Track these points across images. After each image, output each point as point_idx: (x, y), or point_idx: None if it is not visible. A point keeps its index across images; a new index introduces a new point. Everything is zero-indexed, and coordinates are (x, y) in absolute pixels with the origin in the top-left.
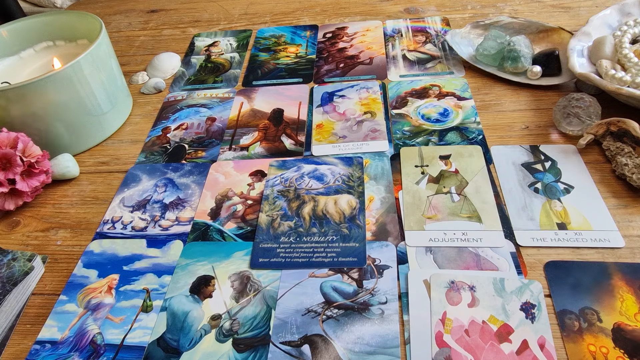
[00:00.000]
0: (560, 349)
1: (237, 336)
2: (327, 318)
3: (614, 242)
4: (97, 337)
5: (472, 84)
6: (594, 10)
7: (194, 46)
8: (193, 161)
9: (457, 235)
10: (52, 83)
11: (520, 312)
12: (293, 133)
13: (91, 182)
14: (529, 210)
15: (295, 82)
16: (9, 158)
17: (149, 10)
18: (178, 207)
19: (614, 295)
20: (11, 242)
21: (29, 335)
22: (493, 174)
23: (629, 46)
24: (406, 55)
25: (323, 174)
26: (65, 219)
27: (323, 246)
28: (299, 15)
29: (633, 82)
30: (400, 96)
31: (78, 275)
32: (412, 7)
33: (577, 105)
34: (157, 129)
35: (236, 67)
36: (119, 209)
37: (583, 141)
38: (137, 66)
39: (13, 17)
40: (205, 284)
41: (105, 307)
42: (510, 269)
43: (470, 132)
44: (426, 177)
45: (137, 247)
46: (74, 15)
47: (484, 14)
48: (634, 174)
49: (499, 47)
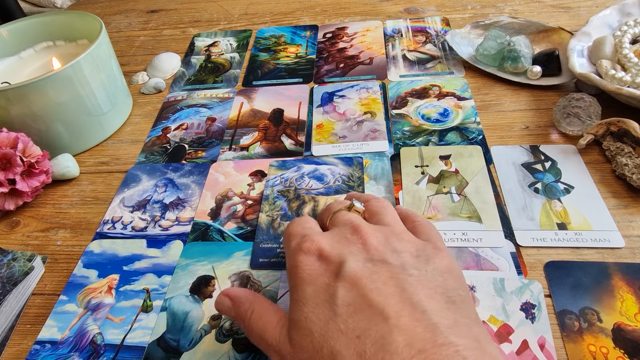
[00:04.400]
0: (560, 349)
1: (237, 336)
2: None
3: (614, 242)
4: (97, 337)
5: (472, 84)
6: (594, 10)
7: (194, 46)
8: (193, 161)
9: (457, 235)
10: (52, 83)
11: (520, 312)
12: (293, 133)
13: (91, 182)
14: (529, 210)
15: (295, 82)
16: (9, 158)
17: (149, 10)
18: (178, 207)
19: (614, 295)
20: (11, 242)
21: (29, 335)
22: (493, 174)
23: (629, 46)
24: (406, 55)
25: (323, 174)
26: (65, 219)
27: None
28: (299, 15)
29: (633, 82)
30: (400, 96)
31: (78, 275)
32: (412, 7)
33: (577, 105)
34: (157, 129)
35: (236, 67)
36: (119, 209)
37: (583, 141)
38: (137, 66)
39: (13, 17)
40: (205, 284)
41: (105, 307)
42: (510, 269)
43: (470, 132)
44: (426, 177)
45: (137, 247)
46: (74, 15)
47: (484, 14)
48: (634, 174)
49: (499, 47)
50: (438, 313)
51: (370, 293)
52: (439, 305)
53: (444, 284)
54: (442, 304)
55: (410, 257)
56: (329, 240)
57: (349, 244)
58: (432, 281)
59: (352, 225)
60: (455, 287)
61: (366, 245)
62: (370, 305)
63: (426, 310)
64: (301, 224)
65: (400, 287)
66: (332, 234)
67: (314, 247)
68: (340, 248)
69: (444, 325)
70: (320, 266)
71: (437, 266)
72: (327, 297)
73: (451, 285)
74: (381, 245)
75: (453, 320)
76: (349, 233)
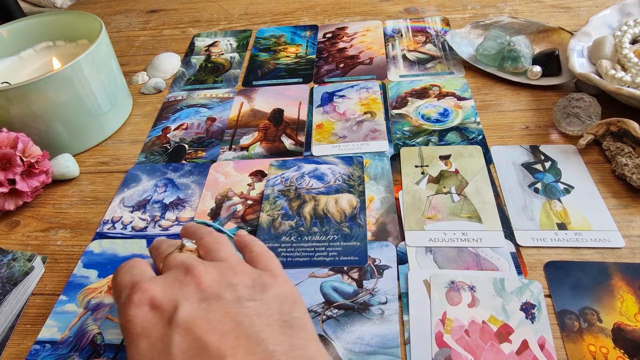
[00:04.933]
0: (560, 349)
1: None
2: (327, 318)
3: (614, 242)
4: (97, 337)
5: (472, 84)
6: (594, 10)
7: (194, 46)
8: (193, 161)
9: (457, 236)
10: (52, 83)
11: (520, 312)
12: (293, 133)
13: (91, 182)
14: (529, 210)
15: (295, 82)
16: (9, 158)
17: (149, 10)
18: (178, 207)
19: (614, 295)
20: (11, 242)
21: (29, 335)
22: (493, 174)
23: (629, 46)
24: (406, 55)
25: (323, 174)
26: (65, 219)
27: (324, 245)
28: (299, 15)
29: (633, 82)
30: (400, 96)
31: (78, 275)
32: (412, 7)
33: (577, 105)
34: (157, 129)
35: (236, 67)
36: (119, 209)
37: (583, 141)
38: (137, 66)
39: (13, 17)
40: None
41: (105, 307)
42: (510, 269)
43: (470, 132)
44: (426, 177)
45: (137, 247)
46: (74, 15)
47: (484, 14)
48: (634, 174)
49: (499, 47)
50: (273, 340)
51: (205, 335)
52: (274, 332)
53: (279, 309)
54: (278, 329)
55: (245, 289)
56: (160, 287)
57: (182, 286)
58: (268, 309)
59: (185, 267)
60: (290, 310)
61: (200, 284)
62: (206, 347)
63: (262, 340)
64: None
65: (236, 322)
66: (164, 278)
67: (145, 297)
68: (173, 293)
69: (279, 352)
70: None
71: (273, 293)
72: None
73: (286, 310)
74: (215, 282)
75: (289, 345)
76: (182, 275)
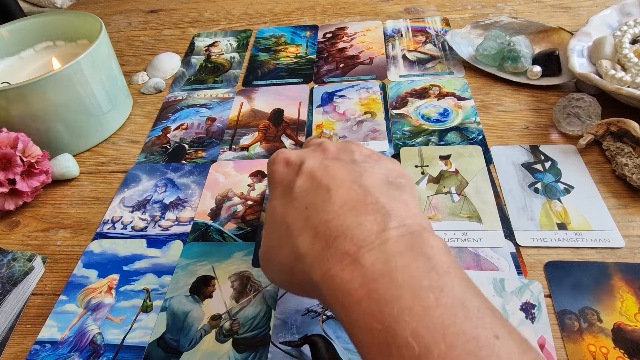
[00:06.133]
0: (560, 349)
1: (237, 336)
2: (327, 318)
3: (614, 242)
4: (97, 337)
5: (472, 84)
6: (594, 10)
7: (194, 46)
8: (193, 161)
9: (457, 235)
10: (52, 83)
11: (520, 312)
12: (293, 133)
13: (91, 182)
14: (529, 210)
15: (295, 82)
16: (9, 158)
17: (149, 10)
18: (178, 207)
19: (614, 295)
20: (11, 242)
21: (29, 335)
22: (493, 174)
23: (629, 46)
24: (406, 55)
25: None
26: (65, 219)
27: None
28: (299, 15)
29: (633, 82)
30: (400, 96)
31: (78, 275)
32: (412, 7)
33: (577, 105)
34: (157, 129)
35: (236, 67)
36: (119, 209)
37: (583, 141)
38: (137, 66)
39: (13, 17)
40: (205, 284)
41: (105, 307)
42: (510, 269)
43: (470, 132)
44: (426, 177)
45: (137, 247)
46: (74, 15)
47: (484, 14)
48: (634, 174)
49: (499, 47)
50: (375, 187)
51: (322, 178)
52: (378, 183)
53: (387, 173)
54: (382, 183)
55: (362, 156)
56: (295, 153)
57: (312, 152)
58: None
59: (319, 143)
60: (397, 175)
61: (325, 152)
62: (320, 186)
63: (364, 185)
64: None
65: (348, 171)
66: (301, 150)
67: (282, 158)
68: (304, 155)
69: (377, 193)
70: (287, 170)
71: (385, 164)
72: (289, 189)
73: (394, 174)
74: (338, 150)
75: (388, 193)
76: (314, 148)
